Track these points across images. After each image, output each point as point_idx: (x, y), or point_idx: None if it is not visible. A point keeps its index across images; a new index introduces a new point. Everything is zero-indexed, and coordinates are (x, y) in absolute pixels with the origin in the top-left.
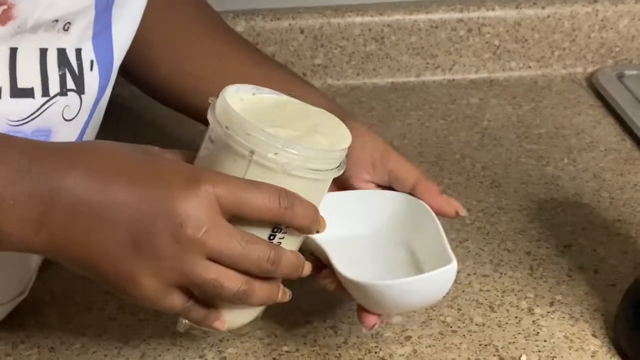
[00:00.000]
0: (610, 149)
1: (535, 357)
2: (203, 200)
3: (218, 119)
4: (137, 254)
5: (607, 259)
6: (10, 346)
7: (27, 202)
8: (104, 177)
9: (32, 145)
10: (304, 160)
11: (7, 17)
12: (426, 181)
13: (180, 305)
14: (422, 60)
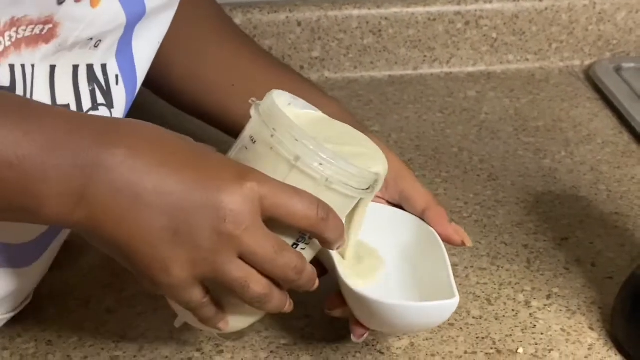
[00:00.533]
0: (608, 142)
1: (532, 349)
2: (248, 198)
3: (264, 120)
4: (175, 242)
5: (604, 252)
6: (7, 340)
7: (68, 174)
8: (151, 159)
9: (74, 117)
10: (346, 176)
11: (52, 36)
12: (436, 207)
13: (199, 300)
14: (420, 53)
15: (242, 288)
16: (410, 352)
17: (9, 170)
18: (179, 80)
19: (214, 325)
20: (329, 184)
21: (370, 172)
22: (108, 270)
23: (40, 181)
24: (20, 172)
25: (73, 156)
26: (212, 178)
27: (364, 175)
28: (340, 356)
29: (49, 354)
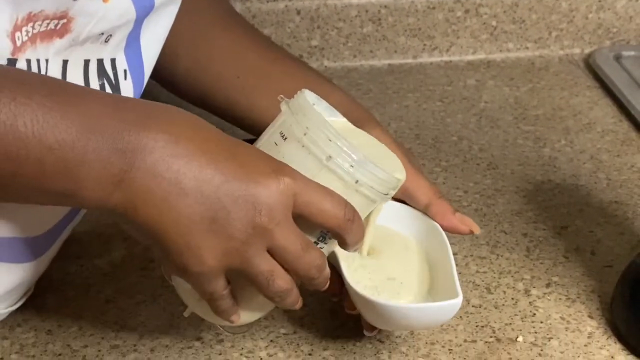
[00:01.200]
0: (608, 130)
1: (531, 338)
2: (283, 193)
3: (297, 117)
4: (211, 231)
5: (603, 240)
6: (7, 329)
7: (108, 158)
8: (191, 147)
9: (111, 99)
10: (374, 180)
11: (65, 31)
12: (439, 201)
13: (220, 291)
14: (419, 41)
15: (267, 281)
16: (410, 340)
17: (49, 153)
18: (185, 72)
19: (227, 318)
20: (357, 187)
21: (395, 178)
22: (107, 260)
23: (79, 164)
24: (60, 156)
25: (113, 140)
26: (250, 171)
27: (389, 180)
28: (340, 345)
29: (49, 344)
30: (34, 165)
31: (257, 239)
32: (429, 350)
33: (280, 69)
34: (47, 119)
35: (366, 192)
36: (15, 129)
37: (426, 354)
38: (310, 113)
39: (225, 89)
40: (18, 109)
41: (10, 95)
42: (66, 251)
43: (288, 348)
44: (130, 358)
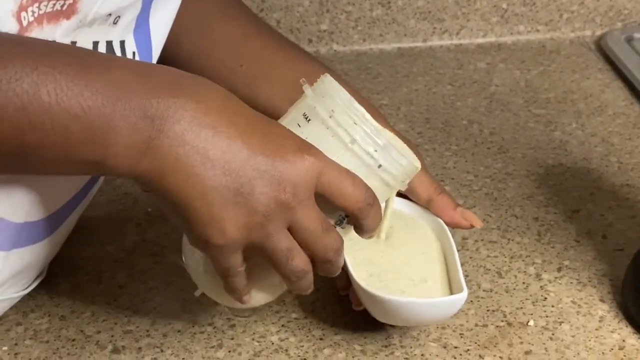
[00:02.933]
0: (619, 113)
1: (542, 322)
2: (308, 171)
3: (323, 100)
4: (235, 203)
5: (615, 223)
6: (21, 315)
7: (136, 125)
8: (220, 118)
9: (138, 65)
10: (396, 166)
11: (72, 11)
12: (440, 196)
13: (237, 267)
14: (429, 24)
15: (285, 259)
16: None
17: (76, 121)
18: (187, 58)
19: (238, 298)
20: (380, 172)
21: (414, 166)
22: (119, 245)
23: (107, 132)
24: (87, 123)
25: (141, 107)
26: (278, 147)
27: (409, 168)
28: (351, 329)
29: (62, 329)
30: (60, 134)
31: (279, 215)
32: (439, 334)
33: (283, 57)
34: (70, 87)
35: (387, 178)
36: (39, 98)
37: (437, 339)
38: (337, 96)
39: (227, 77)
40: (40, 78)
41: (32, 64)
42: (78, 237)
43: (299, 333)
44: (143, 343)
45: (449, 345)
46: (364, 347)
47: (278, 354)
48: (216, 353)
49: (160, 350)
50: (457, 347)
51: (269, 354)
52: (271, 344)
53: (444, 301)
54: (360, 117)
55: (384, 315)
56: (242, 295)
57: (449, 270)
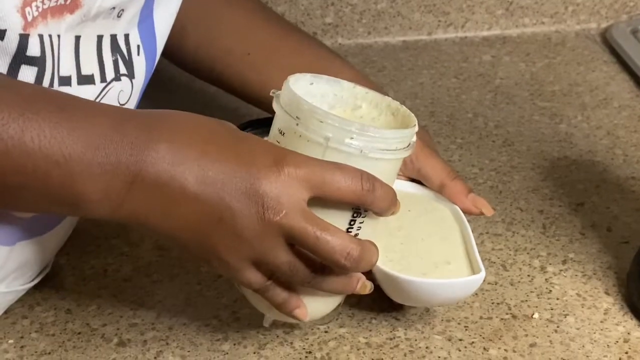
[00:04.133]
0: (625, 106)
1: (547, 315)
2: (286, 183)
3: (286, 109)
4: (220, 229)
5: (620, 216)
6: (26, 308)
7: (114, 171)
8: (191, 151)
9: (116, 113)
10: (380, 141)
11: (76, 6)
12: (452, 182)
13: (259, 282)
14: (434, 17)
15: (290, 271)
16: (425, 317)
17: (56, 168)
18: (194, 48)
19: (289, 312)
20: (365, 154)
21: (404, 131)
22: (124, 239)
23: (86, 179)
24: (67, 170)
25: (117, 154)
26: (251, 166)
27: (398, 136)
28: (357, 322)
29: (68, 322)
30: (40, 179)
31: (268, 233)
32: (444, 327)
33: (290, 45)
34: (54, 134)
35: (379, 155)
36: (23, 144)
37: (442, 331)
38: (296, 101)
39: (235, 66)
40: (26, 125)
41: (19, 111)
42: (83, 231)
43: (304, 325)
44: (148, 336)
45: (454, 337)
46: (369, 340)
47: (283, 347)
48: (221, 346)
49: (165, 343)
50: (462, 340)
51: (274, 346)
52: (276, 336)
53: (461, 282)
54: (322, 114)
55: (403, 297)
56: (292, 309)
57: (468, 252)
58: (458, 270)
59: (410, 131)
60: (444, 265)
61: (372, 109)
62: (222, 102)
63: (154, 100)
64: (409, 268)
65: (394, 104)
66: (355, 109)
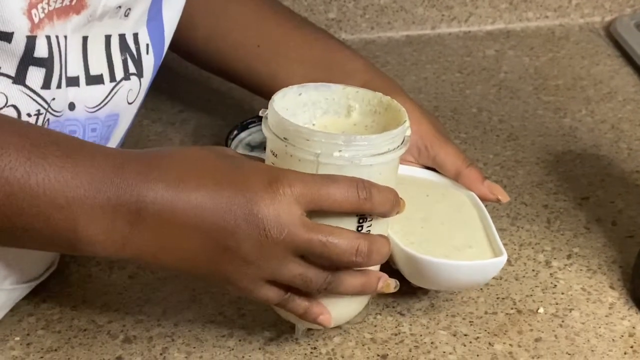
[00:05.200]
0: (629, 99)
1: (552, 309)
2: (283, 203)
3: (274, 131)
4: (227, 258)
5: (625, 210)
6: (32, 305)
7: (115, 213)
8: (189, 186)
9: (113, 155)
10: (369, 148)
11: (81, 7)
12: (468, 169)
13: (277, 297)
14: (438, 12)
15: (304, 283)
16: (430, 312)
17: (59, 211)
18: (203, 41)
19: (313, 320)
20: (357, 164)
21: (392, 132)
22: None
23: (88, 221)
24: (69, 214)
25: (118, 196)
26: (247, 190)
27: (388, 137)
28: (361, 318)
29: (74, 319)
30: (44, 221)
31: (273, 253)
32: (449, 322)
33: (299, 37)
34: (58, 178)
35: (371, 162)
36: (28, 187)
37: (447, 326)
38: (281, 123)
39: (245, 58)
40: (32, 169)
41: (26, 154)
42: None
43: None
44: (154, 333)
45: (459, 332)
46: (374, 335)
47: (288, 343)
48: (227, 342)
49: (171, 340)
50: (467, 335)
51: (279, 342)
52: (281, 332)
53: (484, 264)
54: (307, 132)
55: (425, 279)
56: (315, 317)
57: (488, 236)
58: (480, 253)
59: (400, 130)
60: (466, 249)
61: (365, 112)
62: (233, 95)
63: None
64: (431, 252)
65: (385, 99)
66: (349, 110)
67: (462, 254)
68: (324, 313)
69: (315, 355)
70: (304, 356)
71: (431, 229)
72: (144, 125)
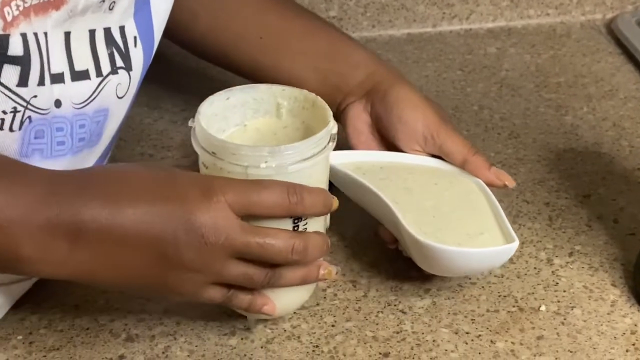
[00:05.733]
0: (630, 97)
1: (554, 307)
2: (219, 209)
3: (203, 146)
4: (169, 268)
5: (626, 208)
6: (35, 304)
7: (53, 233)
8: (126, 201)
9: (48, 175)
10: (295, 155)
11: (61, 2)
12: (474, 157)
13: (221, 296)
14: (439, 10)
15: (246, 281)
16: (432, 310)
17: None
18: (204, 32)
19: (257, 311)
20: (284, 172)
21: (315, 137)
22: None
23: (26, 241)
24: (9, 235)
25: (57, 216)
26: (182, 201)
27: (313, 142)
28: (363, 316)
29: (76, 318)
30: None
31: (214, 258)
32: (451, 320)
33: (302, 28)
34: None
35: (298, 167)
36: None
37: (449, 324)
38: (208, 138)
39: (247, 50)
40: None
41: None
42: None
43: (311, 320)
44: (156, 331)
45: (461, 330)
46: (376, 333)
47: (290, 341)
48: (229, 340)
49: (173, 338)
50: (469, 333)
51: (281, 341)
52: (283, 331)
53: (496, 251)
54: (233, 147)
55: (439, 267)
56: (259, 309)
57: (499, 222)
58: (492, 240)
59: (324, 132)
60: (478, 236)
61: (293, 110)
62: None
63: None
64: (444, 240)
65: (310, 96)
66: (278, 108)
67: (474, 241)
68: (267, 303)
69: (317, 354)
70: (305, 354)
71: (442, 218)
72: (145, 124)
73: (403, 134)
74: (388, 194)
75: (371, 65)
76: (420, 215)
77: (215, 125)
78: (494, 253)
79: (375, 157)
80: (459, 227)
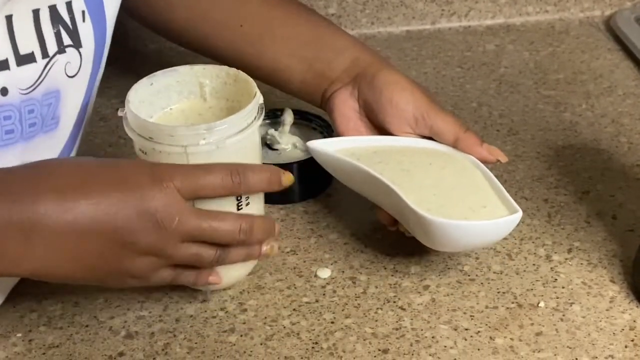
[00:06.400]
0: (629, 93)
1: (553, 303)
2: (169, 195)
3: (138, 132)
4: (125, 255)
5: (625, 204)
6: (35, 302)
7: (5, 232)
8: (76, 194)
9: (2, 175)
10: (230, 129)
11: None
12: (465, 134)
13: (170, 276)
14: (438, 7)
15: (197, 261)
16: (431, 307)
17: None
18: (183, 21)
19: (205, 284)
20: (223, 146)
21: (246, 109)
22: None
23: None
24: None
25: (9, 214)
26: (134, 189)
27: (244, 114)
28: (362, 313)
29: (76, 315)
30: None
31: (169, 241)
32: (450, 316)
33: (283, 14)
34: None
35: (234, 140)
36: None
37: (448, 321)
38: (142, 124)
39: (229, 39)
40: None
41: None
42: None
43: (311, 316)
44: (156, 328)
45: (460, 327)
46: (375, 330)
47: (290, 338)
48: (228, 337)
49: (172, 335)
50: (468, 329)
51: (280, 337)
52: (283, 327)
53: (500, 222)
54: (169, 129)
55: (446, 242)
56: (205, 282)
57: (499, 195)
58: (496, 212)
59: (253, 104)
60: (480, 209)
61: (216, 87)
62: None
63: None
64: (449, 215)
65: (232, 71)
66: (202, 87)
67: (478, 214)
68: (212, 274)
69: (317, 350)
70: (305, 351)
71: (444, 195)
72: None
73: (393, 117)
74: (387, 176)
75: (355, 51)
76: (422, 194)
77: (142, 112)
78: (501, 224)
79: (367, 142)
80: (461, 203)
